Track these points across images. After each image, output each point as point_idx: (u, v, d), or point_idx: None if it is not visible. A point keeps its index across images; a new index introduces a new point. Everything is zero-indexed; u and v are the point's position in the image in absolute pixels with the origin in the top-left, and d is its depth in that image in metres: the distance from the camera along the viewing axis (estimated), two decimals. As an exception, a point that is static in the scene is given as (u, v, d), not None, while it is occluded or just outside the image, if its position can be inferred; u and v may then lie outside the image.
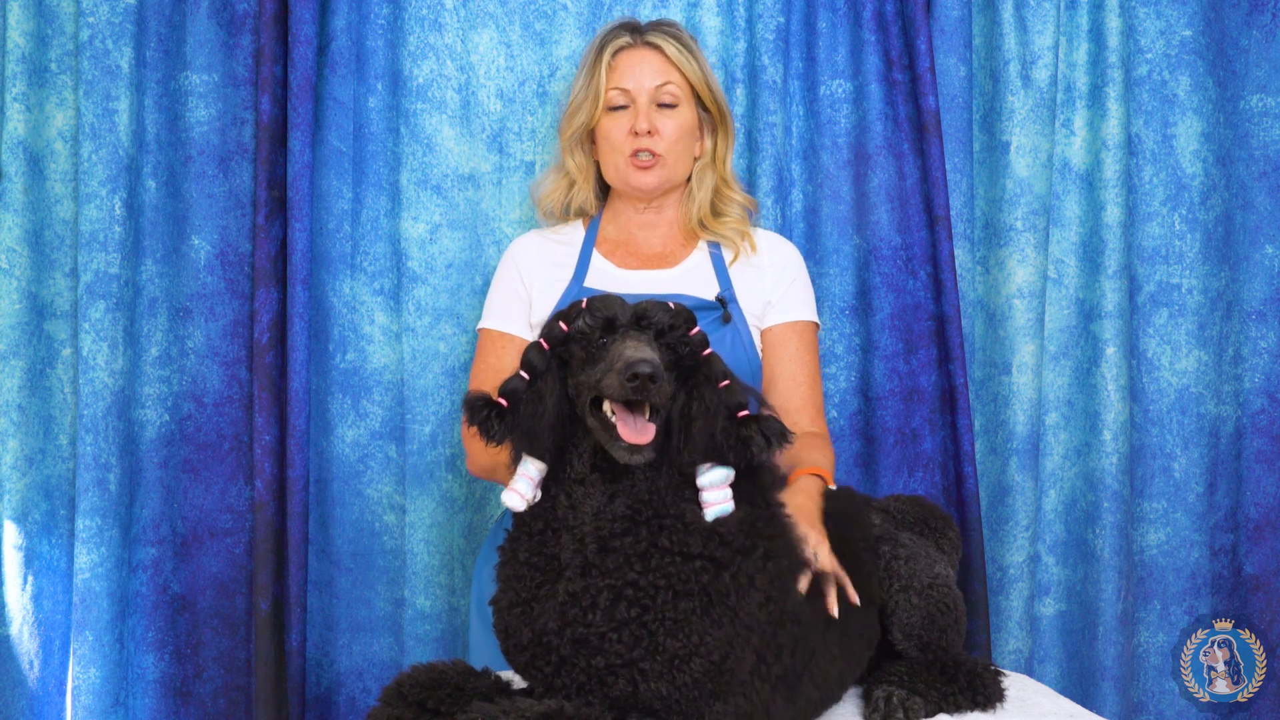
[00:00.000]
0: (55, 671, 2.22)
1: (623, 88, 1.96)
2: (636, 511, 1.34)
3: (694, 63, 1.98)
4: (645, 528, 1.33)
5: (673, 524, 1.33)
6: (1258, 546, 2.43)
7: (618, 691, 1.28)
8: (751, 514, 1.38)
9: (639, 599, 1.30)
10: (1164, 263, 2.41)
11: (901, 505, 1.88)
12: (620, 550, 1.32)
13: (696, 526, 1.34)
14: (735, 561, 1.34)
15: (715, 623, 1.30)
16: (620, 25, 2.02)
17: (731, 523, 1.35)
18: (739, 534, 1.35)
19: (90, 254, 2.17)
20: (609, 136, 1.98)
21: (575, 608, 1.31)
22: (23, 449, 2.18)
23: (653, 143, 1.95)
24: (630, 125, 1.95)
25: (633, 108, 1.96)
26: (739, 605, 1.32)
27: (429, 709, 1.37)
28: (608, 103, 1.97)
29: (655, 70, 1.96)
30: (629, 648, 1.28)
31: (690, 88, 1.99)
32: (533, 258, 2.03)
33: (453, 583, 2.29)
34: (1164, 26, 2.39)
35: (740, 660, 1.31)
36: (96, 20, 2.17)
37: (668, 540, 1.32)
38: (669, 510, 1.34)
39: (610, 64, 1.97)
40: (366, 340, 2.28)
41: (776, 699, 1.37)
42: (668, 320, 1.38)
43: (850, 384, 2.36)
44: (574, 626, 1.30)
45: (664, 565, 1.31)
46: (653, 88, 1.96)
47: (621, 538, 1.33)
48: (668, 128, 1.96)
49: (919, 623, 1.64)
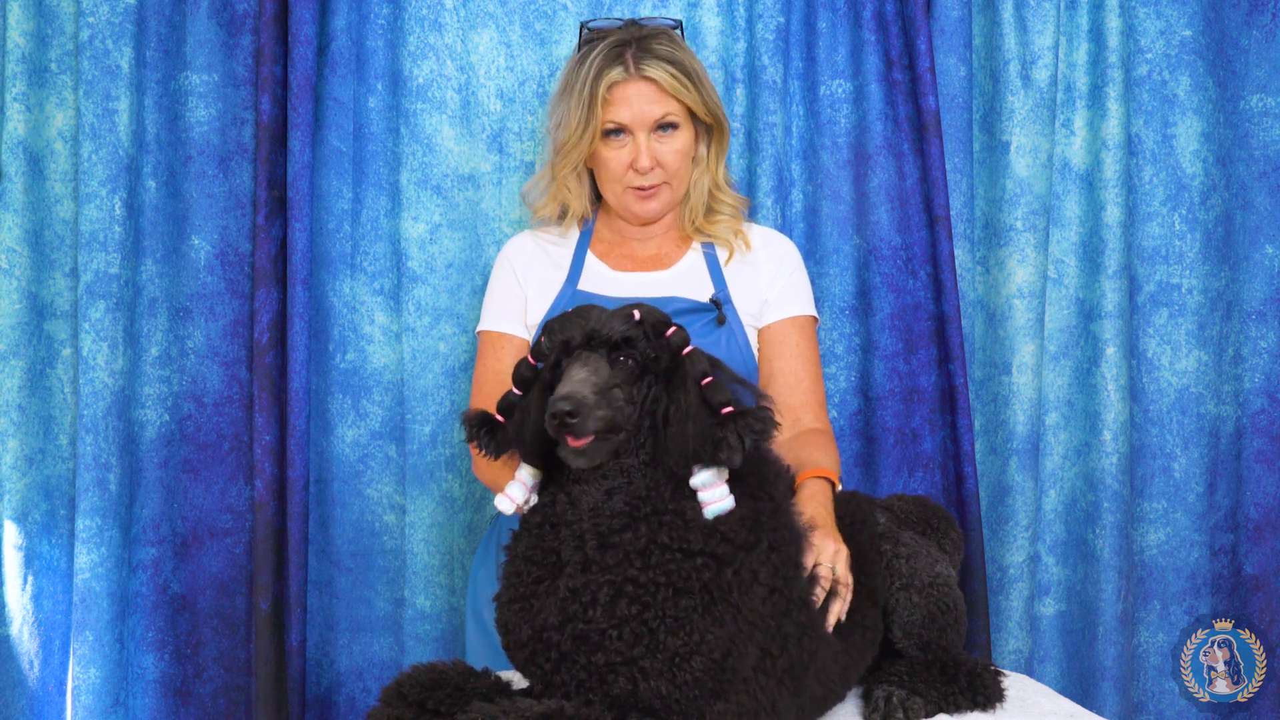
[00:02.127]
0: (55, 671, 2.22)
1: (619, 121, 1.90)
2: (635, 508, 1.34)
3: (689, 87, 1.91)
4: (645, 524, 1.33)
5: (672, 520, 1.33)
6: (1258, 546, 2.43)
7: (618, 689, 1.28)
8: (755, 508, 1.38)
9: (639, 595, 1.30)
10: (1164, 263, 2.41)
11: (905, 504, 1.88)
12: (620, 546, 1.32)
13: (697, 523, 1.34)
14: (738, 558, 1.34)
15: (717, 620, 1.30)
16: (611, 51, 1.91)
17: (734, 519, 1.35)
18: (742, 530, 1.35)
19: (90, 254, 2.17)
20: (607, 165, 1.93)
21: (576, 604, 1.31)
22: (23, 449, 2.19)
23: (655, 176, 1.92)
24: (630, 160, 1.91)
25: (631, 140, 1.91)
26: (742, 602, 1.32)
27: (429, 709, 1.37)
28: (604, 129, 1.91)
29: (652, 102, 1.89)
30: (629, 645, 1.28)
31: (687, 109, 1.93)
32: (527, 257, 2.02)
33: (453, 583, 2.29)
34: (1164, 26, 2.39)
35: (743, 658, 1.31)
36: (96, 20, 2.17)
37: (667, 537, 1.32)
38: (668, 507, 1.34)
39: (605, 98, 1.89)
40: (366, 340, 2.28)
41: (782, 693, 1.37)
42: (621, 333, 1.37)
43: (850, 384, 2.36)
44: (574, 623, 1.31)
45: (664, 562, 1.31)
46: (651, 120, 1.90)
47: (621, 534, 1.33)
48: (668, 155, 1.91)
49: (919, 621, 1.64)
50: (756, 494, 1.39)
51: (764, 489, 1.41)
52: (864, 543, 1.64)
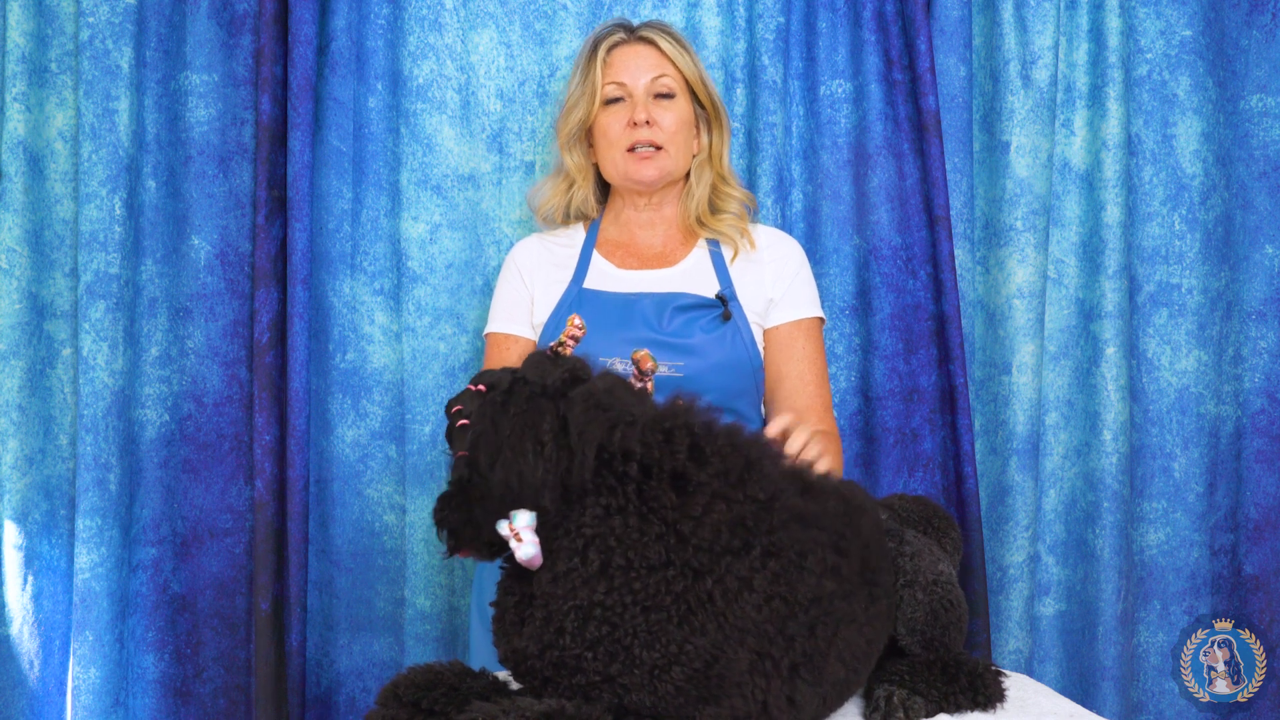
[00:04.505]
0: (55, 671, 2.22)
1: (619, 81, 1.97)
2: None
3: (687, 57, 2.01)
4: (592, 548, 1.30)
5: (620, 541, 1.29)
6: (1258, 546, 2.42)
7: (604, 704, 1.28)
8: (737, 512, 1.32)
9: (607, 617, 1.27)
10: (1164, 263, 2.41)
11: (905, 504, 1.87)
12: (573, 574, 1.30)
13: (651, 535, 1.30)
14: (721, 564, 1.30)
15: (696, 630, 1.27)
16: (613, 24, 2.04)
17: (709, 526, 1.31)
18: (721, 537, 1.31)
19: (90, 254, 2.17)
20: (607, 132, 1.98)
21: (548, 631, 1.30)
22: (23, 449, 2.19)
23: (652, 134, 1.96)
24: (628, 117, 1.96)
25: (630, 100, 1.97)
26: (728, 610, 1.28)
27: (423, 709, 1.37)
28: (604, 96, 1.98)
29: (650, 64, 1.98)
30: (604, 664, 1.27)
31: (685, 81, 2.00)
32: (534, 259, 2.04)
33: (453, 583, 2.29)
34: (1164, 26, 2.39)
35: (733, 663, 1.29)
36: (96, 20, 2.17)
37: (623, 558, 1.29)
38: (609, 530, 1.30)
39: (605, 60, 1.98)
40: (366, 340, 2.28)
41: (798, 686, 1.35)
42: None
43: (850, 384, 2.36)
44: (550, 650, 1.30)
45: (628, 581, 1.28)
46: (649, 80, 1.97)
47: (568, 560, 1.31)
48: (666, 119, 1.97)
49: (923, 619, 1.63)
50: (731, 495, 1.33)
51: (743, 490, 1.34)
52: (867, 528, 1.61)
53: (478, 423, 1.33)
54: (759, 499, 1.35)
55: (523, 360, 1.41)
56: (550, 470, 1.30)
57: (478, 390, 1.37)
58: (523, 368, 1.37)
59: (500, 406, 1.33)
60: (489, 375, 1.38)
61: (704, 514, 1.31)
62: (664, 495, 1.31)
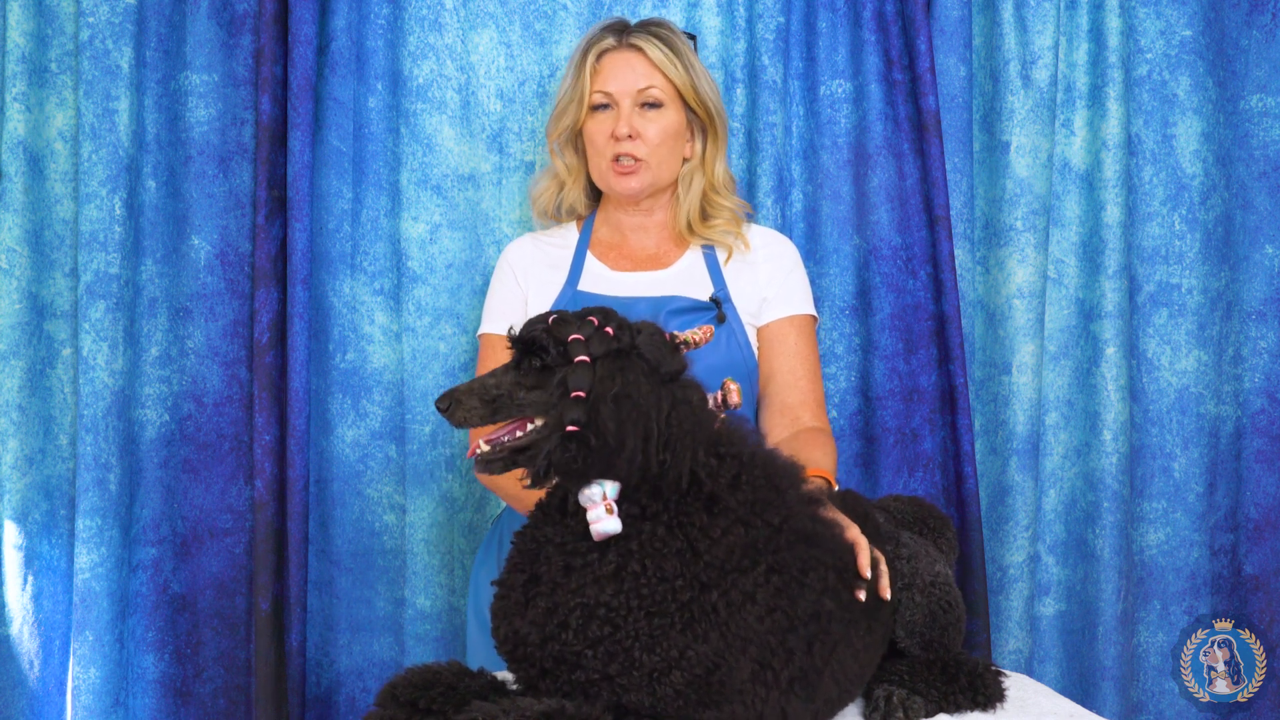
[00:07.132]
0: (55, 671, 2.22)
1: (605, 90, 1.93)
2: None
3: (678, 65, 1.93)
4: (613, 550, 1.31)
5: (646, 548, 1.31)
6: (1258, 546, 2.42)
7: (602, 702, 1.28)
8: (750, 537, 1.34)
9: (610, 618, 1.28)
10: (1164, 263, 2.41)
11: (900, 505, 1.88)
12: (588, 569, 1.31)
13: (671, 549, 1.31)
14: (728, 580, 1.31)
15: (699, 637, 1.28)
16: (607, 27, 1.98)
17: (723, 548, 1.32)
18: (733, 557, 1.32)
19: (90, 254, 2.17)
20: (593, 139, 1.96)
21: (551, 624, 1.31)
22: (23, 449, 2.19)
23: (633, 147, 1.92)
24: (611, 128, 1.92)
25: (615, 110, 1.93)
26: (731, 620, 1.30)
27: (421, 709, 1.37)
28: (591, 104, 1.95)
29: (638, 73, 1.93)
30: (604, 664, 1.27)
31: (675, 90, 1.94)
32: (527, 260, 2.03)
33: (453, 583, 2.29)
34: (1164, 26, 2.39)
35: (734, 670, 1.30)
36: (96, 20, 2.17)
37: (638, 565, 1.30)
38: (635, 533, 1.32)
39: (594, 67, 1.94)
40: (366, 340, 2.28)
41: (792, 700, 1.36)
42: (526, 336, 1.36)
43: (850, 384, 2.36)
44: (551, 643, 1.30)
45: (638, 587, 1.29)
46: (635, 90, 1.92)
47: (586, 555, 1.32)
48: (650, 131, 1.92)
49: (921, 620, 1.64)
50: (751, 521, 1.35)
51: (760, 516, 1.37)
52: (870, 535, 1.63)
53: (611, 374, 1.30)
54: (773, 524, 1.38)
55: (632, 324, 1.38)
56: (650, 460, 1.31)
57: (604, 331, 1.33)
58: (640, 339, 1.35)
59: (629, 368, 1.32)
60: (605, 313, 1.36)
61: (722, 535, 1.34)
62: (696, 515, 1.33)
